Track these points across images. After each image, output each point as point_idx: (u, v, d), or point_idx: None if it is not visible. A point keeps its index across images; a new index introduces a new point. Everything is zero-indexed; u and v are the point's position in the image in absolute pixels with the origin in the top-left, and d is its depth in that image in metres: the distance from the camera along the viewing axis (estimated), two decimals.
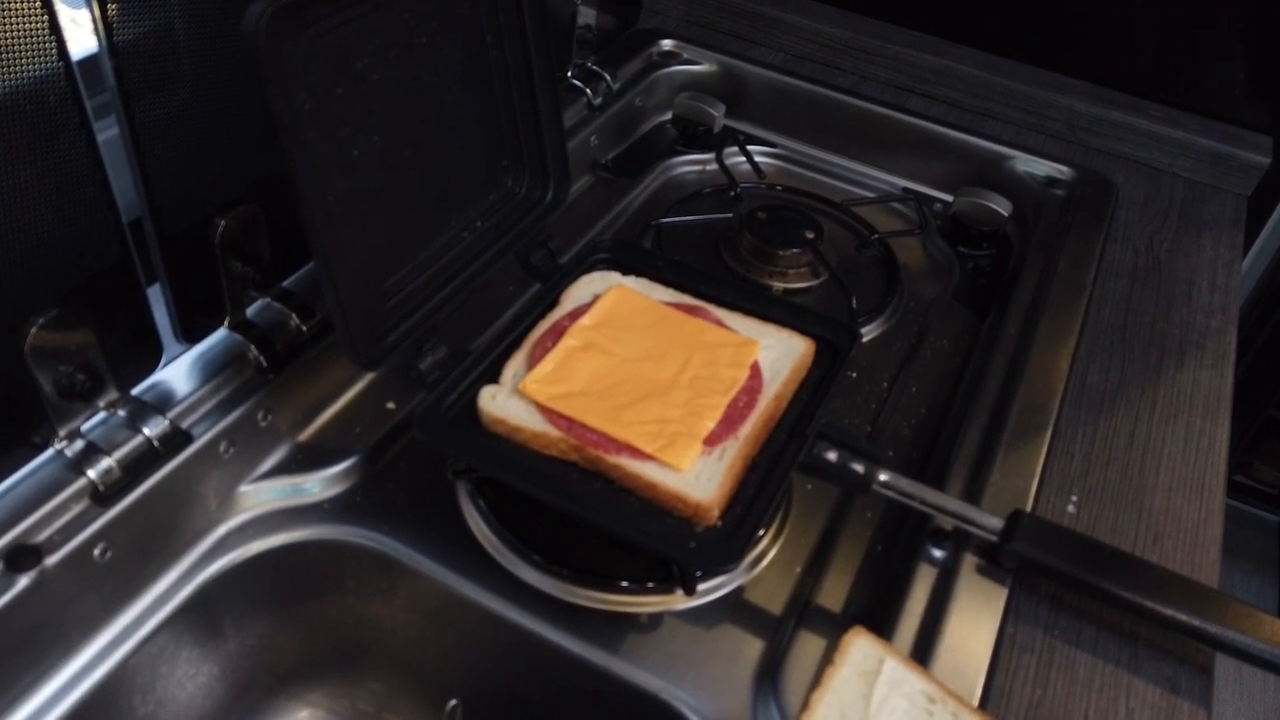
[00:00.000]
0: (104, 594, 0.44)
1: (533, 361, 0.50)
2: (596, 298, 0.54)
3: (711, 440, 0.46)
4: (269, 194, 0.49)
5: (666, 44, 0.86)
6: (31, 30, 0.36)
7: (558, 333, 0.51)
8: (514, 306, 0.63)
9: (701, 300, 0.55)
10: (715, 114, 0.83)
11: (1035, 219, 0.74)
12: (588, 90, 0.76)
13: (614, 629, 0.47)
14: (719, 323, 0.53)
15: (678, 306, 0.54)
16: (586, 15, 0.75)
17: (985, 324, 0.67)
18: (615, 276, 0.56)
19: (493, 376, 0.50)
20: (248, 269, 0.49)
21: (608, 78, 0.77)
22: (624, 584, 0.48)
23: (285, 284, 0.52)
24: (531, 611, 0.48)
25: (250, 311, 0.51)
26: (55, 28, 0.37)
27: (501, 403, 0.48)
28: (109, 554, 0.43)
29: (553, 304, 0.54)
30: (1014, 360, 0.59)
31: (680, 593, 0.48)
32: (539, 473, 0.46)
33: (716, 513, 0.44)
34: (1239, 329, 0.64)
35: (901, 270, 0.71)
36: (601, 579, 0.49)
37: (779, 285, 0.69)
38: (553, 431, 0.47)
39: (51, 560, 0.41)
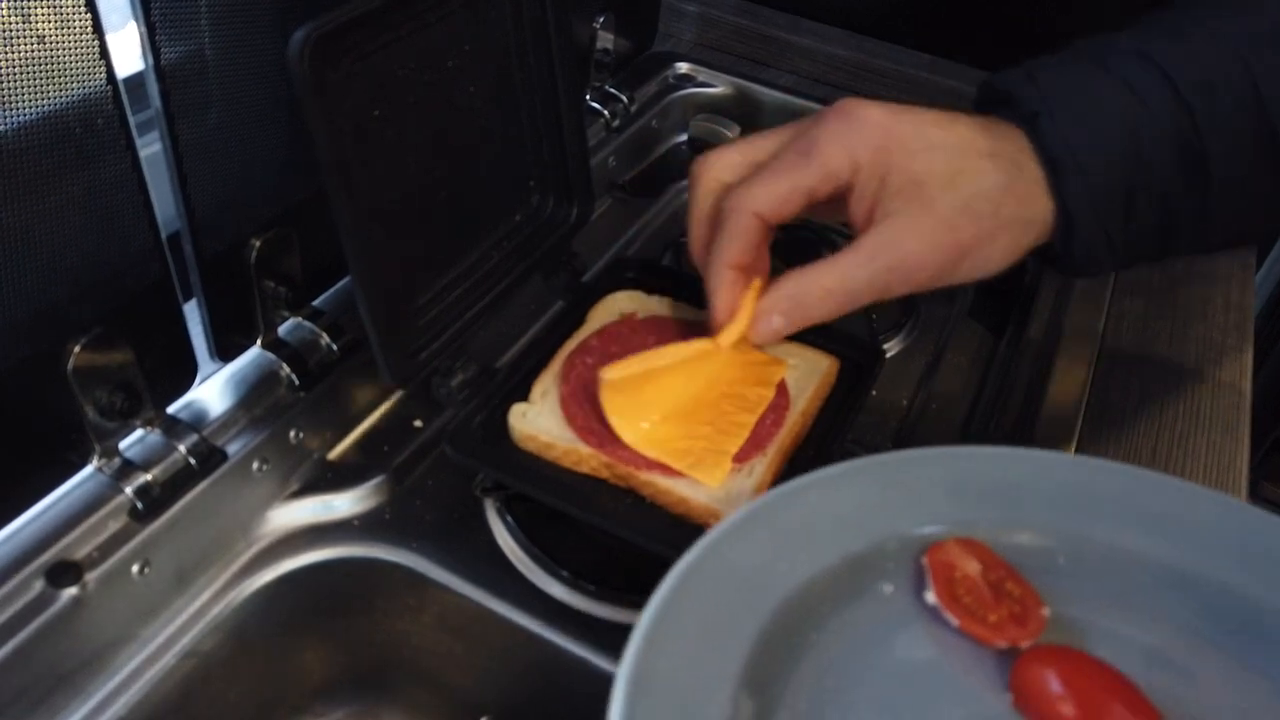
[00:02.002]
0: (140, 611, 0.44)
1: (563, 379, 0.50)
2: (624, 316, 0.54)
3: (741, 457, 0.47)
4: (301, 214, 0.50)
5: (682, 67, 0.87)
6: (82, 54, 0.37)
7: (586, 352, 0.52)
8: (537, 324, 0.64)
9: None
10: (730, 135, 0.84)
11: None
12: (605, 112, 0.77)
13: None
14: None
15: (700, 325, 0.55)
16: (604, 39, 0.76)
17: (1002, 341, 0.68)
18: (640, 296, 0.57)
19: (522, 394, 0.50)
20: (280, 288, 0.50)
21: (625, 100, 0.78)
22: None
23: (316, 303, 0.53)
24: (561, 627, 0.48)
25: (282, 330, 0.52)
26: (105, 52, 0.37)
27: (532, 420, 0.48)
28: (147, 570, 0.44)
29: (579, 322, 0.55)
30: (1034, 378, 0.59)
31: None
32: (570, 489, 0.47)
33: None
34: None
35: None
36: (632, 595, 0.49)
37: None
38: (583, 448, 0.47)
39: (92, 576, 0.41)
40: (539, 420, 0.48)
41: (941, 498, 0.37)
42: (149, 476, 0.44)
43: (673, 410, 0.47)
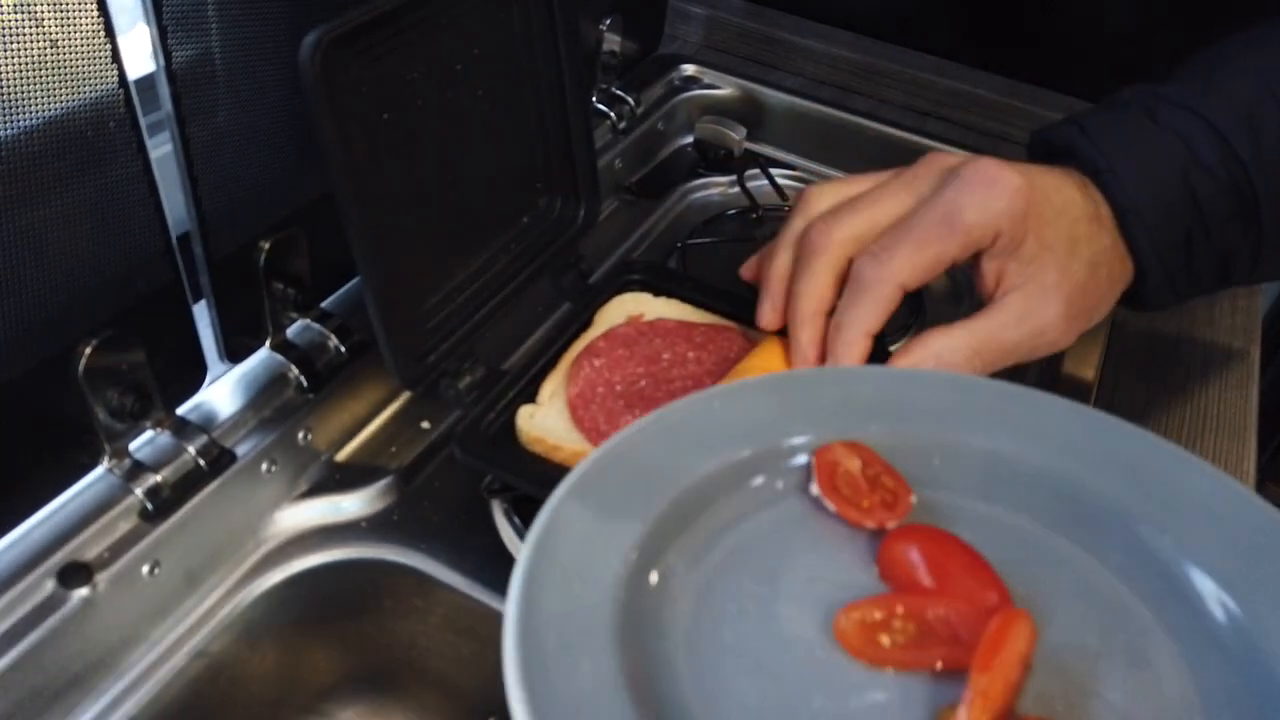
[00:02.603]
0: (150, 611, 0.45)
1: (571, 381, 0.50)
2: (631, 318, 0.54)
3: None
4: (309, 216, 0.50)
5: (687, 69, 0.87)
6: (94, 57, 0.37)
7: (594, 354, 0.52)
8: (543, 326, 0.64)
9: (732, 321, 0.56)
10: (736, 137, 0.84)
11: None
12: (611, 114, 0.77)
13: None
14: (752, 344, 0.54)
15: (709, 328, 0.55)
16: (611, 41, 0.76)
17: None
18: (646, 298, 0.57)
19: (530, 396, 0.50)
20: (289, 290, 0.50)
21: (631, 102, 0.79)
22: None
23: (324, 305, 0.53)
24: None
25: (290, 332, 0.52)
26: (117, 55, 0.38)
27: (540, 422, 0.48)
28: (157, 571, 0.44)
29: (586, 324, 0.55)
30: (1040, 381, 0.59)
31: None
32: None
33: None
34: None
35: (925, 293, 0.72)
36: None
37: None
38: (591, 450, 0.47)
39: (102, 577, 0.42)
40: (547, 422, 0.48)
41: (832, 409, 0.41)
42: (159, 477, 0.44)
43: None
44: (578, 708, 0.29)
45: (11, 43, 0.34)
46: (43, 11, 0.35)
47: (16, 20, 0.34)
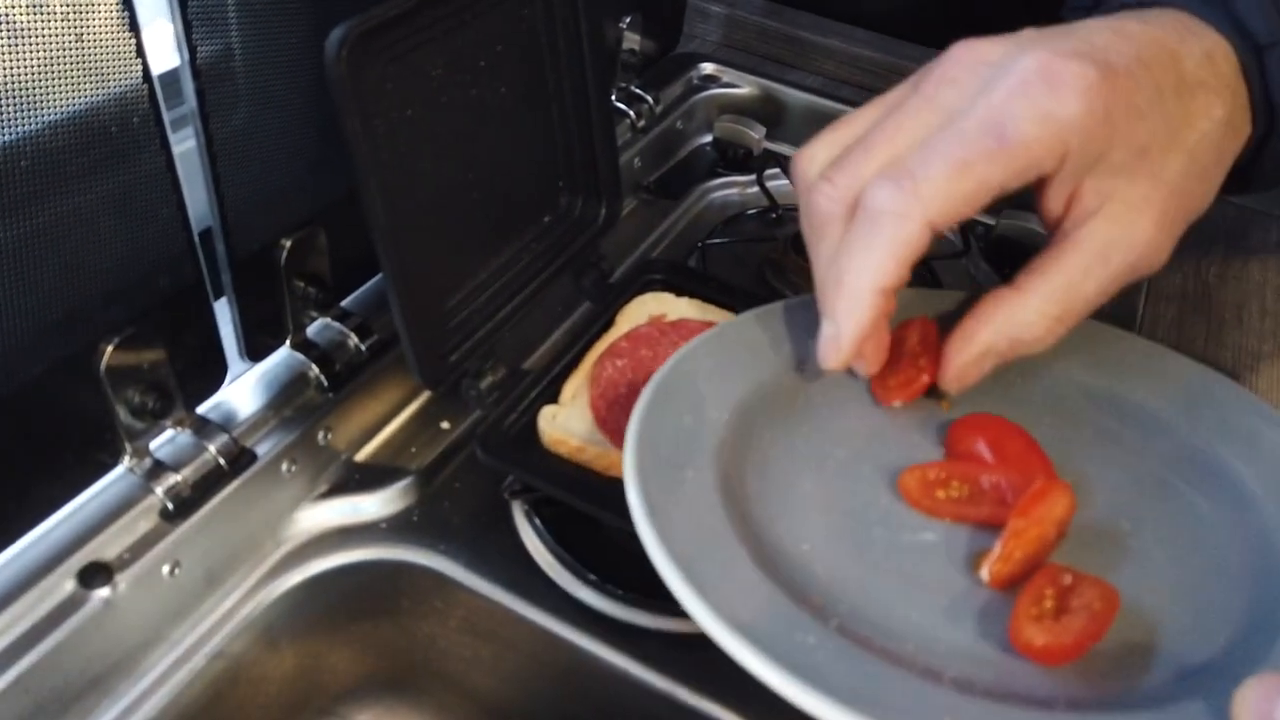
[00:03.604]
0: (170, 612, 0.44)
1: (593, 382, 0.50)
2: (653, 318, 0.54)
3: None
4: (330, 214, 0.49)
5: (707, 67, 0.86)
6: (118, 52, 0.37)
7: (616, 354, 0.51)
8: (563, 326, 0.64)
9: None
10: (755, 136, 0.84)
11: None
12: (631, 113, 0.77)
13: (674, 651, 0.47)
14: None
15: None
16: (630, 40, 0.76)
17: None
18: (668, 298, 0.56)
19: (552, 397, 0.50)
20: (310, 289, 0.50)
21: (650, 100, 0.78)
22: None
23: (344, 304, 0.53)
24: (589, 632, 0.48)
25: (310, 331, 0.51)
26: (141, 50, 0.37)
27: (562, 423, 0.48)
28: (177, 571, 0.43)
29: (608, 324, 0.54)
30: None
31: None
32: (600, 492, 0.46)
33: None
34: None
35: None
36: (661, 600, 0.48)
37: None
38: (614, 452, 0.47)
39: (123, 577, 0.41)
40: (569, 423, 0.48)
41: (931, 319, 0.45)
42: (179, 477, 0.44)
43: None
44: (679, 501, 0.36)
45: (36, 38, 0.34)
46: (67, 7, 0.35)
47: (41, 16, 0.34)
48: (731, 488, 0.37)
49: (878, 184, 0.34)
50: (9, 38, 0.33)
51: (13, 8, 0.33)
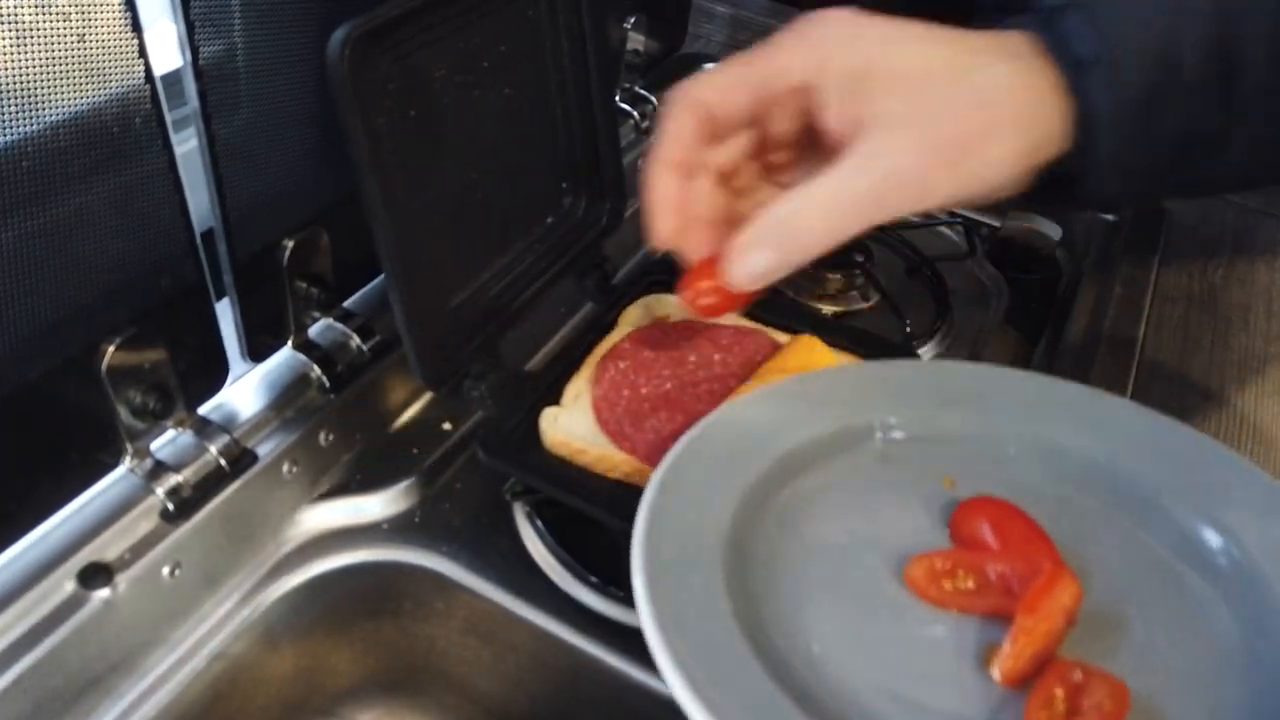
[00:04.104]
0: (171, 613, 0.44)
1: (595, 383, 0.50)
2: (656, 320, 0.54)
3: None
4: (333, 214, 0.49)
5: (711, 68, 0.86)
6: (121, 53, 0.37)
7: (619, 356, 0.51)
8: (565, 327, 0.64)
9: (757, 324, 0.55)
10: None
11: (1085, 244, 0.74)
12: (635, 114, 0.76)
13: None
14: (778, 346, 0.53)
15: (735, 330, 0.54)
16: (635, 41, 0.76)
17: (1038, 349, 0.67)
18: (671, 299, 0.56)
19: (554, 398, 0.50)
20: (312, 290, 0.50)
21: (655, 101, 0.78)
22: None
23: (346, 304, 0.53)
24: (590, 634, 0.47)
25: (312, 332, 0.51)
26: (144, 51, 0.37)
27: (564, 424, 0.48)
28: (177, 572, 0.43)
29: (610, 326, 0.54)
30: (1076, 373, 0.58)
31: None
32: (602, 494, 0.46)
33: None
34: None
35: (951, 295, 0.71)
36: None
37: (829, 309, 0.68)
38: (616, 454, 0.47)
39: (123, 578, 0.41)
40: (571, 425, 0.48)
41: (922, 395, 0.47)
42: (180, 478, 0.44)
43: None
44: (688, 605, 0.36)
45: (38, 39, 0.34)
46: (69, 8, 0.35)
47: (44, 16, 0.34)
48: (738, 590, 0.37)
49: (680, 86, 0.41)
50: (13, 38, 0.33)
51: (17, 8, 0.33)
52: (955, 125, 0.37)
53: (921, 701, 0.35)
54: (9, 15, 0.33)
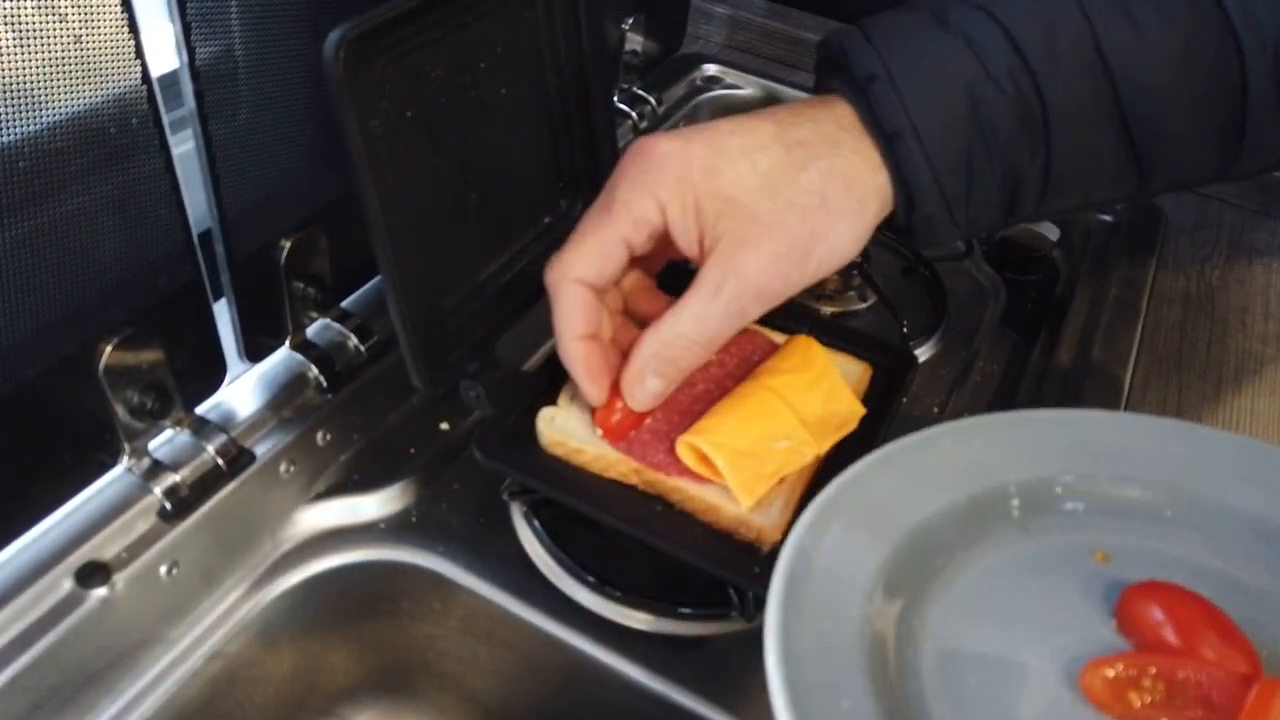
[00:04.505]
0: (168, 612, 0.44)
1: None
2: None
3: None
4: (330, 215, 0.50)
5: (709, 69, 0.86)
6: (118, 54, 0.37)
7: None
8: None
9: (754, 325, 0.55)
10: None
11: (1083, 245, 0.74)
12: (633, 114, 0.77)
13: (671, 654, 0.47)
14: (775, 347, 0.53)
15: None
16: (633, 41, 0.76)
17: (1035, 349, 0.67)
18: (667, 299, 0.56)
19: (550, 398, 0.50)
20: (309, 290, 0.50)
21: (653, 102, 0.78)
22: (682, 608, 0.48)
23: (344, 304, 0.53)
24: (586, 634, 0.48)
25: (310, 332, 0.51)
26: (140, 52, 0.37)
27: (561, 425, 0.48)
28: (175, 571, 0.44)
29: None
30: (1068, 386, 0.58)
31: (739, 618, 0.48)
32: (597, 494, 0.46)
33: (780, 537, 0.44)
34: None
35: (949, 295, 0.71)
36: (658, 602, 0.48)
37: (826, 309, 0.69)
38: (612, 454, 0.47)
39: (120, 577, 0.41)
40: (567, 425, 0.48)
41: (1060, 451, 0.41)
42: (178, 477, 0.44)
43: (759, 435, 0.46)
44: None
45: (36, 40, 0.34)
46: (67, 8, 0.35)
47: (41, 17, 0.34)
48: (894, 712, 0.32)
49: (546, 269, 0.45)
50: (11, 39, 0.33)
51: (16, 9, 0.33)
52: (793, 233, 0.41)
53: None
54: (8, 16, 0.33)
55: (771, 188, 0.41)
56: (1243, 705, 0.31)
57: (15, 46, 0.34)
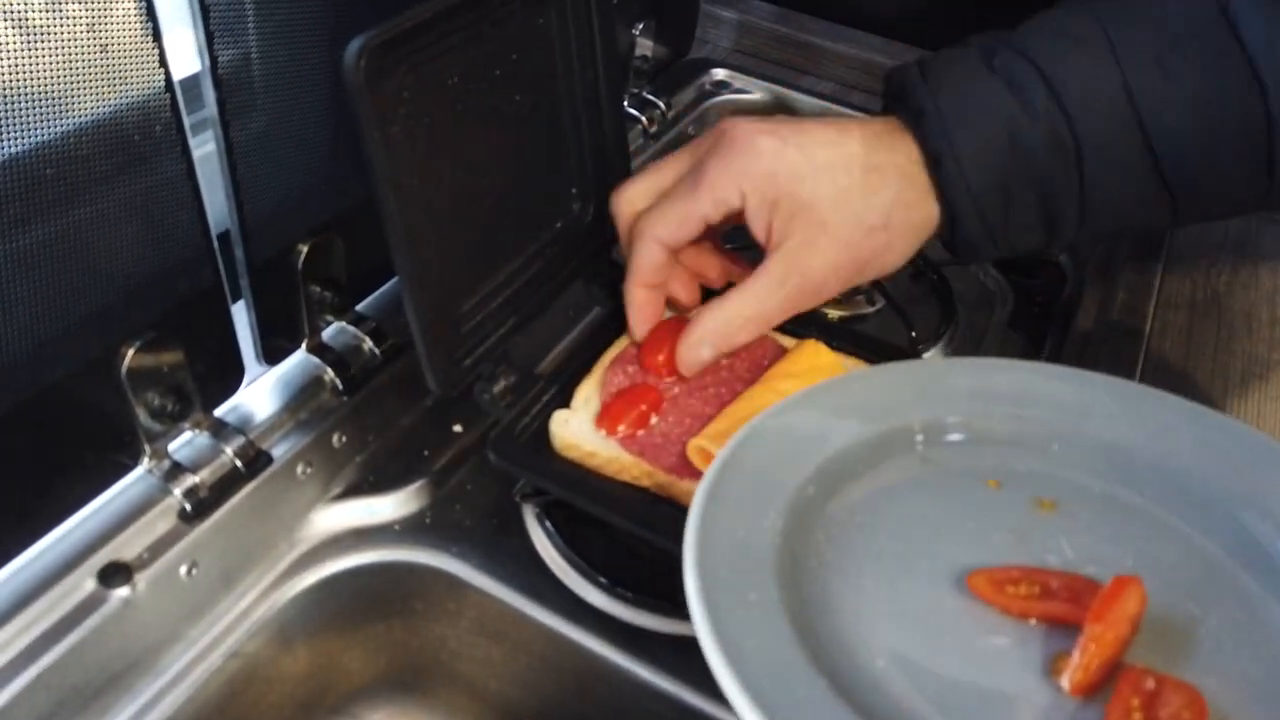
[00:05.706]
0: (188, 611, 0.45)
1: (605, 387, 0.50)
2: (663, 320, 0.54)
3: None
4: (347, 219, 0.50)
5: (718, 73, 0.87)
6: (142, 60, 0.37)
7: (628, 360, 0.52)
8: (574, 330, 0.64)
9: None
10: None
11: (1089, 249, 0.74)
12: (643, 119, 0.77)
13: (682, 654, 0.47)
14: (784, 350, 0.54)
15: None
16: (643, 46, 0.77)
17: (1042, 353, 0.67)
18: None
19: (564, 401, 0.50)
20: (326, 293, 0.50)
21: (662, 106, 0.79)
22: None
23: (359, 308, 0.53)
24: (598, 635, 0.48)
25: (326, 335, 0.52)
26: (164, 59, 0.38)
27: (574, 428, 0.48)
28: (195, 571, 0.44)
29: (620, 329, 0.55)
30: None
31: None
32: (610, 496, 0.47)
33: None
34: None
35: (956, 299, 0.71)
36: (669, 604, 0.49)
37: (834, 313, 0.69)
38: (625, 457, 0.47)
39: (142, 577, 0.42)
40: (581, 428, 0.48)
41: (963, 395, 0.47)
42: (197, 479, 0.44)
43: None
44: (747, 627, 0.35)
45: (62, 46, 0.35)
46: (93, 16, 0.35)
47: (68, 25, 0.35)
48: (796, 606, 0.36)
49: (638, 219, 0.50)
50: (40, 49, 0.34)
51: (45, 21, 0.34)
52: (858, 247, 0.47)
53: (994, 715, 0.34)
54: (37, 27, 0.34)
55: (845, 203, 0.46)
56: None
57: (44, 56, 0.34)
